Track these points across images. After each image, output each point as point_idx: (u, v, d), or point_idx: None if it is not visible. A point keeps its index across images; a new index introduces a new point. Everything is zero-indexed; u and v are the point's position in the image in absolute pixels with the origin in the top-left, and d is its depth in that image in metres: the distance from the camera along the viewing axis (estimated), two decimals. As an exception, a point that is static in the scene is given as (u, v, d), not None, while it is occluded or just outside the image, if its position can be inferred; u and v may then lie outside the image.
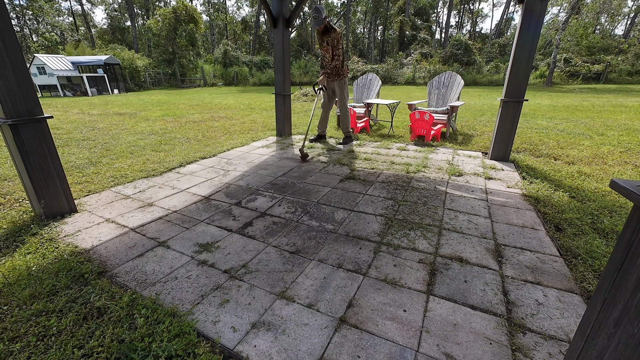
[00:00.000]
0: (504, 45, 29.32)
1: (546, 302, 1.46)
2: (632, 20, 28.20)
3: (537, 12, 3.09)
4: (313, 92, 13.42)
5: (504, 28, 40.57)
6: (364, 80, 6.38)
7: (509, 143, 3.65)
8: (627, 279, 0.73)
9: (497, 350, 1.21)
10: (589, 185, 2.90)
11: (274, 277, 1.66)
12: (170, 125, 6.43)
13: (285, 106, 5.12)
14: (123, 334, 1.26)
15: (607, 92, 14.32)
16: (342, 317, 1.38)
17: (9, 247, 1.91)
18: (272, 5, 4.56)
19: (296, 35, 39.87)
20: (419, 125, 4.72)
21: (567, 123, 6.23)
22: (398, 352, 1.21)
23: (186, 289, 1.56)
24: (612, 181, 0.76)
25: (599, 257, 1.78)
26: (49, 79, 16.83)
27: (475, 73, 22.93)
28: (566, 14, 19.51)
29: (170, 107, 9.81)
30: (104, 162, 3.75)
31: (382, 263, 1.77)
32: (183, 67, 24.84)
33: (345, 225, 2.20)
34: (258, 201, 2.64)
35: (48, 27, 33.31)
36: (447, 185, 2.97)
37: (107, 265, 1.75)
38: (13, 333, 1.27)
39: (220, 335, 1.29)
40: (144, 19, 38.46)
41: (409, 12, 32.67)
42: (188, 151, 4.24)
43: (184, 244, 1.98)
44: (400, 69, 24.65)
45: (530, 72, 4.87)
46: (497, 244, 1.96)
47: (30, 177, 2.11)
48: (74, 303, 1.43)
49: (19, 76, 1.94)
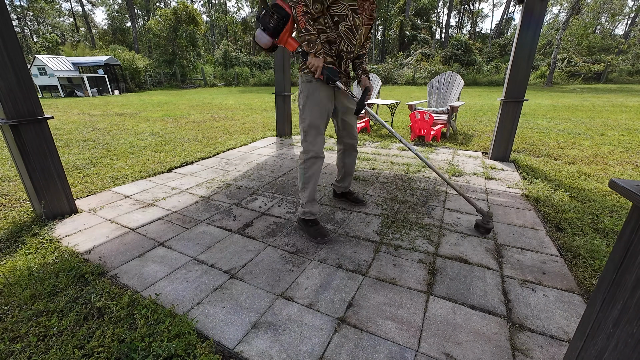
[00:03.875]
0: (504, 45, 29.30)
1: (546, 302, 1.46)
2: (632, 20, 28.18)
3: (537, 12, 3.09)
4: None
5: (504, 28, 40.56)
6: (364, 81, 6.37)
7: (509, 143, 3.65)
8: (626, 278, 0.73)
9: (497, 350, 1.21)
10: (589, 185, 2.89)
11: (274, 277, 1.66)
12: (170, 125, 6.43)
13: (285, 106, 5.12)
14: (123, 334, 1.26)
15: (607, 92, 14.31)
16: (342, 317, 1.38)
17: (10, 248, 1.92)
18: (272, 5, 4.56)
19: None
20: (419, 125, 4.72)
21: (567, 123, 6.23)
22: (398, 352, 1.21)
23: (186, 289, 1.56)
24: (612, 181, 0.76)
25: (599, 257, 1.78)
26: (50, 79, 16.86)
27: (476, 73, 22.92)
28: (567, 14, 19.51)
29: (170, 108, 9.82)
30: (104, 162, 3.76)
31: (382, 263, 1.77)
32: (183, 68, 24.87)
33: (345, 225, 2.21)
34: (258, 201, 2.64)
35: (49, 27, 33.38)
36: (447, 185, 2.97)
37: (108, 266, 1.76)
38: (14, 333, 1.27)
39: (220, 335, 1.29)
40: (145, 20, 38.52)
41: (409, 12, 32.68)
42: (188, 151, 4.24)
43: (184, 244, 1.99)
44: (400, 69, 24.65)
45: (531, 72, 4.87)
46: (497, 244, 1.96)
47: (31, 178, 2.11)
48: (75, 303, 1.44)
49: (19, 77, 1.94)
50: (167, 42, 23.84)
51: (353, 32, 1.82)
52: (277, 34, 1.82)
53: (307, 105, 1.92)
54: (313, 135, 1.95)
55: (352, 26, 1.80)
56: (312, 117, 1.93)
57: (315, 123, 1.93)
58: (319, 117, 1.94)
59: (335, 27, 1.79)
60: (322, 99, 1.92)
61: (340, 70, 1.94)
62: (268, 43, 1.86)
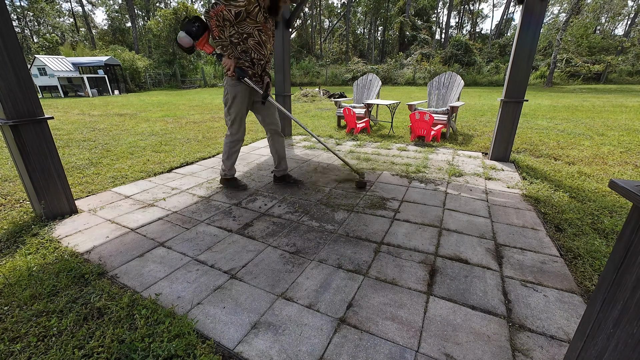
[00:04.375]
0: (504, 46, 29.32)
1: (546, 302, 1.46)
2: (632, 20, 28.19)
3: (537, 12, 3.10)
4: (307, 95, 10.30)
5: (504, 28, 40.55)
6: (364, 81, 6.39)
7: (509, 143, 3.65)
8: (626, 278, 0.73)
9: (497, 351, 1.21)
10: (589, 186, 2.89)
11: (274, 277, 1.66)
12: (170, 126, 6.43)
13: (285, 107, 5.12)
14: (123, 335, 1.26)
15: (607, 92, 14.31)
16: (342, 318, 1.38)
17: (10, 248, 1.92)
18: (272, 6, 4.56)
19: (296, 35, 39.92)
20: (419, 125, 4.72)
21: (567, 123, 6.23)
22: (398, 352, 1.21)
23: (186, 290, 1.56)
24: (612, 181, 0.76)
25: (599, 257, 1.78)
26: (50, 79, 16.87)
27: (476, 73, 22.94)
28: (567, 14, 19.52)
29: (170, 108, 9.82)
30: (104, 162, 3.76)
31: (382, 263, 1.77)
32: (183, 68, 24.87)
33: (345, 226, 2.20)
34: (258, 201, 2.64)
35: (49, 28, 33.39)
36: (447, 185, 2.97)
37: (108, 266, 1.75)
38: (14, 333, 1.27)
39: (220, 336, 1.29)
40: (145, 20, 38.50)
41: (409, 12, 32.70)
42: (188, 152, 4.24)
43: (184, 244, 1.99)
44: (400, 69, 24.67)
45: (530, 73, 4.87)
46: (497, 244, 1.96)
47: (31, 178, 2.11)
48: (75, 303, 1.44)
49: (19, 77, 1.94)
50: (167, 43, 23.85)
51: (260, 45, 2.46)
52: (197, 38, 2.34)
53: (232, 103, 2.55)
54: (237, 124, 2.66)
55: (259, 41, 2.44)
56: (236, 111, 2.59)
57: (238, 116, 2.61)
58: (240, 111, 2.60)
59: (246, 41, 2.39)
60: (243, 97, 2.56)
61: (255, 72, 2.53)
62: (190, 43, 2.32)
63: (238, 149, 2.79)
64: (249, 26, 2.32)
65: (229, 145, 2.74)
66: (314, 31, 40.98)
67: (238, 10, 2.21)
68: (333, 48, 38.12)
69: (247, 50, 2.42)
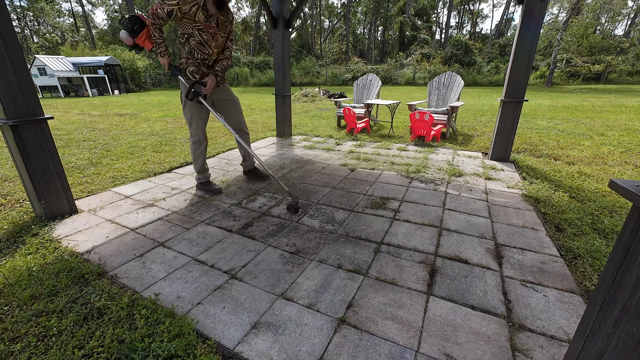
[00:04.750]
0: (504, 46, 29.33)
1: (546, 302, 1.46)
2: (632, 20, 28.20)
3: (537, 12, 3.10)
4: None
5: (504, 28, 40.55)
6: (364, 81, 6.39)
7: (509, 143, 3.65)
8: (626, 278, 0.73)
9: (497, 351, 1.21)
10: (589, 186, 2.89)
11: (274, 277, 1.66)
12: (170, 126, 6.44)
13: (285, 107, 5.13)
14: (123, 335, 1.26)
15: (607, 93, 14.32)
16: (342, 318, 1.38)
17: (10, 248, 1.92)
18: (272, 6, 4.57)
19: (296, 36, 39.95)
20: (419, 125, 4.72)
21: (567, 123, 6.23)
22: (398, 352, 1.21)
23: (186, 290, 1.56)
24: (611, 181, 0.76)
25: (599, 257, 1.78)
26: (50, 79, 16.88)
27: (476, 73, 22.95)
28: (566, 15, 19.53)
29: (170, 108, 9.82)
30: (104, 162, 3.76)
31: (382, 263, 1.77)
32: (183, 68, 24.82)
33: (345, 226, 2.20)
34: (258, 201, 2.64)
35: (49, 28, 33.39)
36: (447, 185, 2.97)
37: (108, 266, 1.75)
38: (13, 333, 1.27)
39: (220, 336, 1.29)
40: (145, 20, 38.44)
41: (409, 12, 32.70)
42: (188, 152, 4.24)
43: (184, 244, 1.99)
44: (400, 69, 24.69)
45: (530, 73, 4.87)
46: (497, 244, 1.96)
47: (31, 178, 2.11)
48: (74, 303, 1.44)
49: (19, 77, 1.94)
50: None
51: (203, 44, 2.43)
52: (136, 35, 2.36)
53: (186, 102, 2.53)
54: (196, 124, 2.61)
55: (201, 40, 2.40)
56: (191, 111, 2.56)
57: (194, 116, 2.57)
58: (197, 110, 2.56)
59: (188, 41, 2.40)
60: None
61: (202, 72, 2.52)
62: (131, 40, 2.36)
63: (202, 151, 2.74)
64: (188, 26, 2.33)
65: (192, 148, 2.74)
66: (314, 31, 41.00)
67: (170, 9, 2.21)
68: (333, 48, 38.10)
69: (191, 50, 2.43)
